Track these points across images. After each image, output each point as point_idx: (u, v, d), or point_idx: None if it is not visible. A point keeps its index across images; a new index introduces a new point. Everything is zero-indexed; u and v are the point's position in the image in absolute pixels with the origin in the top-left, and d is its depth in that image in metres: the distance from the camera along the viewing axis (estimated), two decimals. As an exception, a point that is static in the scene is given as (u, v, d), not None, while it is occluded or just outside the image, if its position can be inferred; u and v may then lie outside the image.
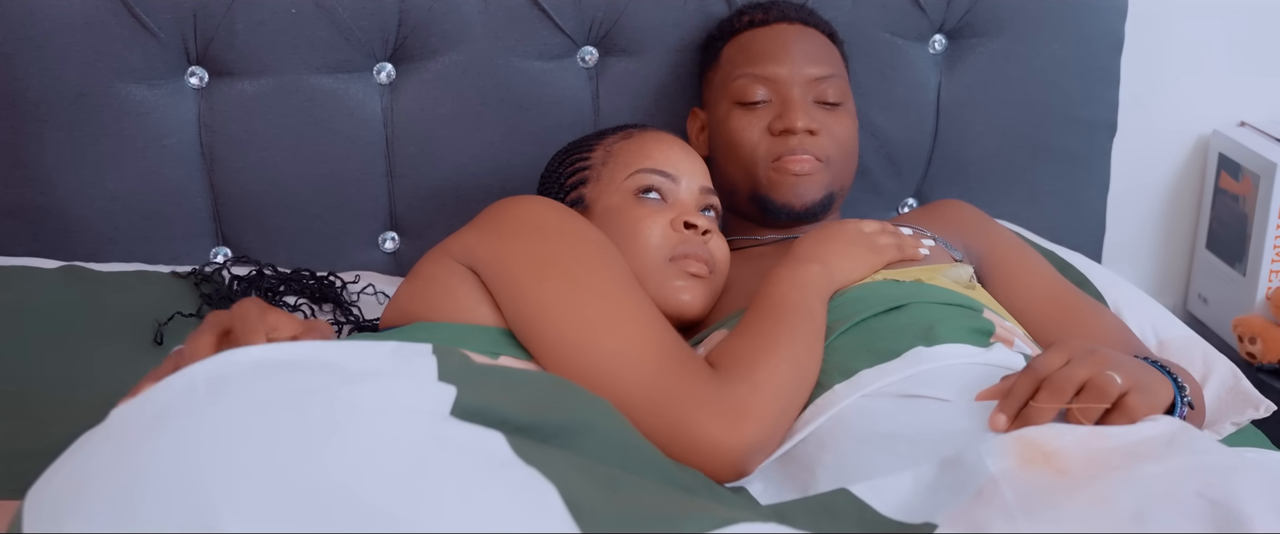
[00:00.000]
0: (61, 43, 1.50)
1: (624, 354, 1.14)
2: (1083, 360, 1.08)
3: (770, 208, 1.49)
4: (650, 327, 1.17)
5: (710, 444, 1.09)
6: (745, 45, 1.55)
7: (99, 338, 1.41)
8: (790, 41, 1.52)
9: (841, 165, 1.51)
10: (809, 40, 1.54)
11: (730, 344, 1.19)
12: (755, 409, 1.11)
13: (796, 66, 1.50)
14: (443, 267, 1.24)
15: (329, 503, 0.78)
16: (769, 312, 1.22)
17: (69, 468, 0.84)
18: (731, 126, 1.50)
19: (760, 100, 1.49)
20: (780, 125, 1.47)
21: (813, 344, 1.20)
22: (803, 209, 1.48)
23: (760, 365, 1.15)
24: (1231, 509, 0.88)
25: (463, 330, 1.19)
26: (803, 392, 1.17)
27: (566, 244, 1.21)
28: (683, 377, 1.12)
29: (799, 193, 1.47)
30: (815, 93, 1.50)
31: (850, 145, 1.52)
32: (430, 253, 1.27)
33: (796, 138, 1.46)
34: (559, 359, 1.16)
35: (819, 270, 1.28)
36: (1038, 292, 1.45)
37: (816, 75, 1.50)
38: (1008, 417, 1.06)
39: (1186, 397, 1.15)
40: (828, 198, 1.49)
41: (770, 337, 1.18)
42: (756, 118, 1.49)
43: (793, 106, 1.47)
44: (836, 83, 1.51)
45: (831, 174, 1.49)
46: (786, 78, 1.49)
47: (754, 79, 1.50)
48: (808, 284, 1.26)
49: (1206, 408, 1.40)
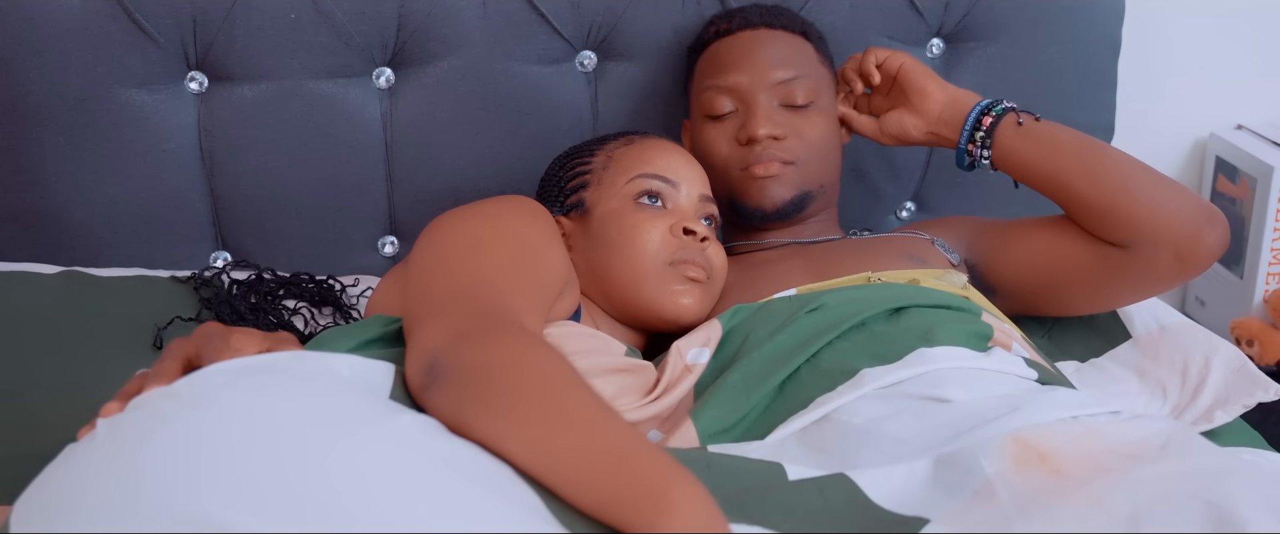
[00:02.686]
0: (61, 48, 1.51)
1: (448, 280, 1.09)
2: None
3: (744, 212, 1.50)
4: (498, 270, 1.12)
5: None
6: (712, 57, 1.56)
7: (99, 343, 1.41)
8: (753, 48, 1.53)
9: (815, 164, 1.51)
10: (774, 44, 1.54)
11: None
12: (445, 392, 0.97)
13: (759, 72, 1.50)
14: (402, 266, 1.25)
15: (326, 504, 0.78)
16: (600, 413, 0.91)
17: (57, 477, 0.84)
18: (703, 139, 1.52)
19: (727, 112, 1.50)
20: (743, 135, 1.48)
21: (564, 431, 0.90)
22: (774, 210, 1.49)
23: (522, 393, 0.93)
24: (1227, 511, 0.88)
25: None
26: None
27: (478, 218, 1.22)
28: (467, 308, 1.04)
29: (768, 195, 1.48)
30: (781, 96, 1.50)
31: (823, 144, 1.52)
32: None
33: (760, 146, 1.47)
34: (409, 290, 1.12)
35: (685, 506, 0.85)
36: (1015, 222, 1.53)
37: (781, 78, 1.50)
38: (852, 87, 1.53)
39: (983, 128, 1.47)
40: (801, 197, 1.50)
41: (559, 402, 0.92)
42: (724, 129, 1.50)
43: (754, 115, 1.48)
44: (805, 83, 1.51)
45: (802, 174, 1.49)
46: (748, 85, 1.50)
47: (718, 91, 1.51)
48: (676, 485, 0.85)
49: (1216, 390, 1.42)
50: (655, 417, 1.18)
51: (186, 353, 0.98)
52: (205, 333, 1.00)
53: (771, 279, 1.43)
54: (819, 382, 1.18)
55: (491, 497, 0.83)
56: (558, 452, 0.87)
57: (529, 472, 0.88)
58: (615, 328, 1.37)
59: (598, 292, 1.36)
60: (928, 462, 1.02)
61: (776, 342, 1.22)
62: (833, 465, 1.05)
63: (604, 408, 0.91)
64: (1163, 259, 1.41)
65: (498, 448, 0.89)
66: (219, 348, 0.98)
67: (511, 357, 0.95)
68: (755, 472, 1.01)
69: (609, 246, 1.34)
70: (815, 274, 1.42)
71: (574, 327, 1.26)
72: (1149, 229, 1.40)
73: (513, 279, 1.12)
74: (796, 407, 1.16)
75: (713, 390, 1.17)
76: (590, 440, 0.88)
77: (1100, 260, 1.44)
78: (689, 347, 1.24)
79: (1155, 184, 1.42)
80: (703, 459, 1.02)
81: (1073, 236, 1.46)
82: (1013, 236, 1.51)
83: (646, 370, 1.23)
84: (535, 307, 1.12)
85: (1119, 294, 1.51)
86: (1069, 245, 1.46)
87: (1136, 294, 1.51)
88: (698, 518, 0.82)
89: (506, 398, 0.91)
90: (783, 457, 1.07)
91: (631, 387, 1.20)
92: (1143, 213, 1.40)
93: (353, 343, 1.13)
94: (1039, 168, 1.46)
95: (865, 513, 0.96)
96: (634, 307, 1.35)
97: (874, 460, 1.06)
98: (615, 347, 1.26)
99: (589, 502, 0.85)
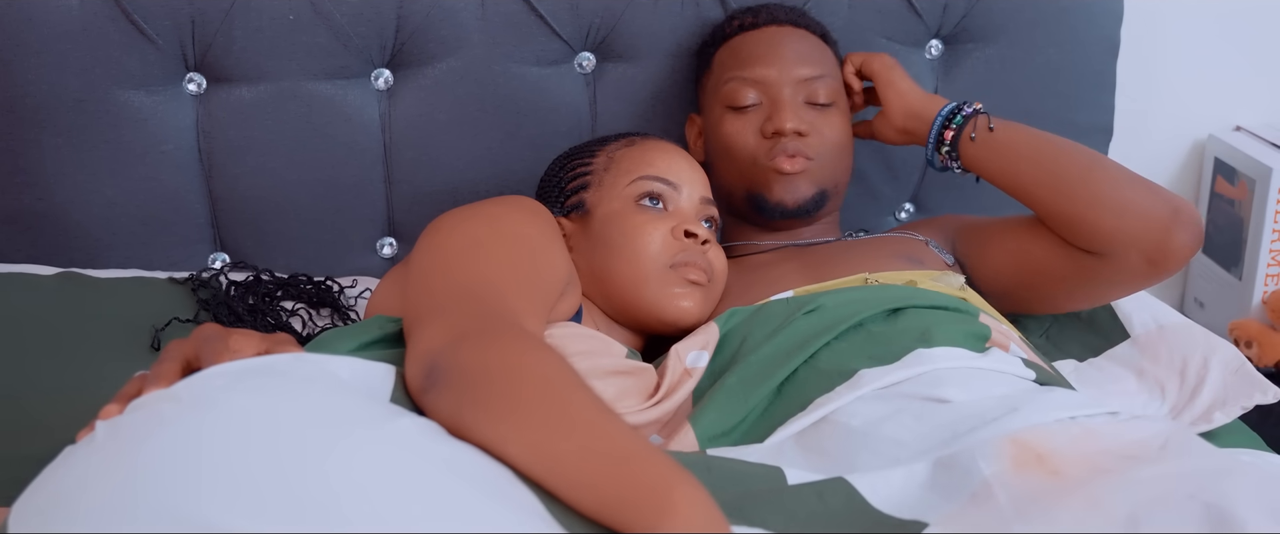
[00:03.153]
0: (60, 49, 1.51)
1: (448, 281, 1.09)
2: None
3: (764, 206, 1.50)
4: (498, 272, 1.11)
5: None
6: (736, 49, 1.55)
7: (97, 344, 1.41)
8: (780, 43, 1.53)
9: (833, 164, 1.52)
10: (799, 41, 1.54)
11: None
12: (453, 385, 0.96)
13: (786, 68, 1.50)
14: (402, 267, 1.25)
15: (325, 506, 0.78)
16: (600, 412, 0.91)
17: (56, 479, 0.84)
18: (724, 130, 1.51)
19: (751, 103, 1.50)
20: (770, 127, 1.48)
21: (567, 434, 0.89)
22: (795, 206, 1.49)
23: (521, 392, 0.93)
24: (1225, 512, 0.88)
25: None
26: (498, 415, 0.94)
27: (479, 219, 1.21)
28: (469, 309, 1.04)
29: (791, 190, 1.48)
30: (806, 93, 1.50)
31: (842, 145, 1.53)
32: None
33: (786, 139, 1.47)
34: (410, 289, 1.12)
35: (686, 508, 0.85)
36: (992, 223, 1.54)
37: (807, 76, 1.51)
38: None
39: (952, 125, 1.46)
40: (820, 195, 1.50)
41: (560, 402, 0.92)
42: (748, 121, 1.50)
43: (782, 108, 1.48)
44: (827, 83, 1.52)
45: (823, 173, 1.50)
46: (776, 79, 1.50)
47: (744, 82, 1.51)
48: (677, 486, 0.85)
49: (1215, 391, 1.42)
50: (656, 421, 1.18)
51: (185, 354, 0.98)
52: (203, 334, 1.00)
53: (768, 281, 1.43)
54: (817, 383, 1.18)
55: (491, 498, 0.83)
56: (559, 454, 0.87)
57: (530, 474, 0.87)
58: (614, 329, 1.37)
59: (597, 293, 1.36)
60: (926, 464, 1.02)
61: (774, 343, 1.22)
62: (831, 468, 1.05)
63: (605, 410, 0.90)
64: (1133, 262, 1.41)
65: (498, 450, 0.89)
66: (218, 349, 0.98)
67: (512, 359, 0.95)
68: (755, 475, 1.01)
69: (610, 248, 1.34)
70: (812, 276, 1.42)
71: (575, 328, 1.25)
72: (1116, 237, 1.40)
73: (513, 280, 1.12)
74: (795, 408, 1.16)
75: (711, 394, 1.17)
76: (591, 442, 0.87)
77: (1072, 264, 1.44)
78: (687, 350, 1.24)
79: (1120, 187, 1.41)
80: (703, 463, 1.02)
81: (1045, 240, 1.46)
82: (989, 238, 1.52)
83: (647, 373, 1.23)
84: (536, 308, 1.12)
85: (1098, 294, 1.51)
86: (1041, 249, 1.46)
87: (1116, 293, 1.51)
88: (699, 519, 0.82)
89: (507, 400, 0.91)
90: (782, 461, 1.06)
91: (632, 389, 1.20)
92: (1107, 222, 1.39)
93: (352, 344, 1.13)
94: (1003, 178, 1.47)
95: (864, 516, 0.96)
96: (634, 308, 1.35)
97: (873, 463, 1.06)
98: (616, 348, 1.26)
99: (590, 503, 0.85)
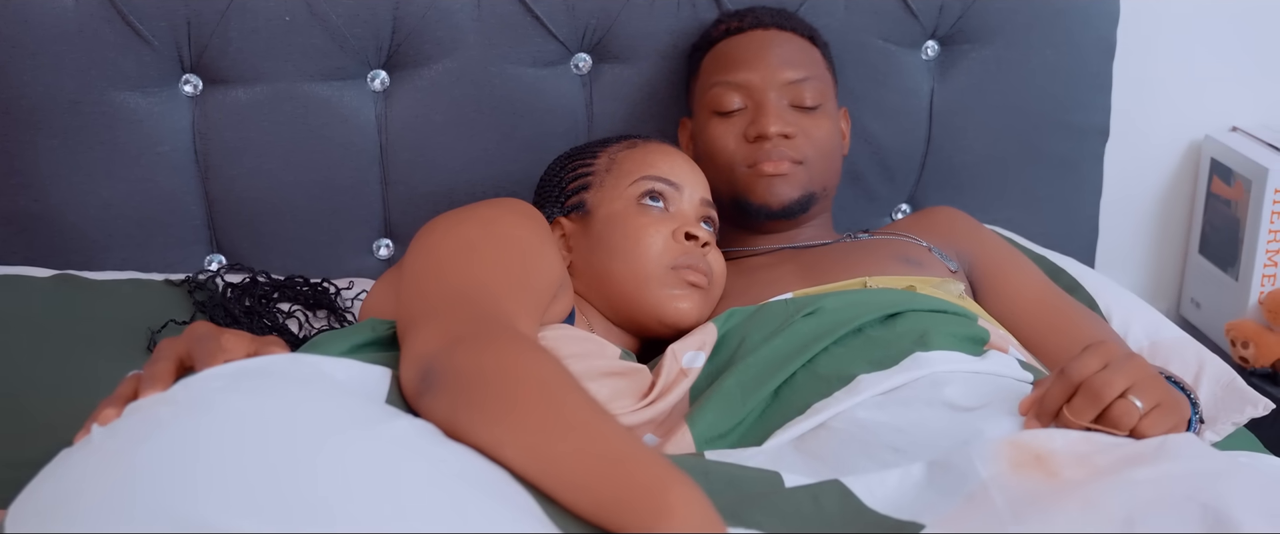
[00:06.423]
0: (55, 50, 1.51)
1: (442, 284, 1.09)
2: (1121, 368, 1.04)
3: (749, 209, 1.50)
4: (492, 274, 1.11)
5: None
6: (721, 54, 1.56)
7: (93, 346, 1.41)
8: (764, 47, 1.53)
9: (820, 166, 1.51)
10: (784, 44, 1.54)
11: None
12: (451, 377, 0.96)
13: (770, 71, 1.50)
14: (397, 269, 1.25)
15: (320, 508, 0.78)
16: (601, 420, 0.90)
17: (53, 481, 0.84)
18: (709, 135, 1.52)
19: (735, 108, 1.50)
20: (754, 132, 1.48)
21: (563, 436, 0.89)
22: (780, 209, 1.49)
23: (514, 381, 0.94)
24: (1222, 513, 0.88)
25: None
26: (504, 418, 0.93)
27: (471, 222, 1.21)
28: (462, 312, 1.03)
29: (775, 193, 1.48)
30: (791, 96, 1.50)
31: (829, 147, 1.53)
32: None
33: (770, 143, 1.47)
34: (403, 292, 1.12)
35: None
36: (1028, 296, 1.47)
37: (791, 78, 1.50)
38: (1042, 425, 1.03)
39: (1199, 413, 1.15)
40: (806, 197, 1.50)
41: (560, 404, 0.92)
42: (732, 125, 1.50)
43: (765, 112, 1.48)
44: (813, 85, 1.52)
45: (809, 175, 1.50)
46: (759, 83, 1.50)
47: (728, 87, 1.51)
48: (674, 487, 0.85)
49: (1205, 408, 1.40)
50: (651, 421, 1.18)
51: (178, 353, 0.99)
52: (195, 333, 1.00)
53: (766, 284, 1.43)
54: (815, 387, 1.18)
55: (489, 499, 0.83)
56: (555, 455, 0.87)
57: (526, 476, 0.87)
58: (610, 331, 1.37)
59: (596, 293, 1.36)
60: (922, 466, 1.01)
61: (772, 346, 1.21)
62: (828, 472, 1.05)
63: (600, 411, 0.90)
64: None
65: (494, 453, 0.89)
66: (211, 349, 0.98)
67: (506, 361, 0.95)
68: (752, 479, 1.01)
69: (611, 249, 1.34)
70: (810, 278, 1.42)
71: (568, 329, 1.25)
72: None
73: (506, 283, 1.12)
74: (793, 413, 1.16)
75: (708, 395, 1.17)
76: (587, 444, 0.87)
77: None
78: (684, 350, 1.24)
79: None
80: (700, 466, 1.02)
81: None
82: (1007, 299, 1.48)
83: (641, 374, 1.23)
84: (529, 310, 1.12)
85: None
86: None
87: None
88: (695, 520, 0.82)
89: (502, 403, 0.91)
90: (779, 465, 1.06)
91: (626, 390, 1.20)
92: None
93: (347, 346, 1.13)
94: None
95: (860, 518, 0.96)
96: (633, 309, 1.35)
97: (870, 466, 1.06)
98: (610, 350, 1.26)
99: (586, 505, 0.85)
